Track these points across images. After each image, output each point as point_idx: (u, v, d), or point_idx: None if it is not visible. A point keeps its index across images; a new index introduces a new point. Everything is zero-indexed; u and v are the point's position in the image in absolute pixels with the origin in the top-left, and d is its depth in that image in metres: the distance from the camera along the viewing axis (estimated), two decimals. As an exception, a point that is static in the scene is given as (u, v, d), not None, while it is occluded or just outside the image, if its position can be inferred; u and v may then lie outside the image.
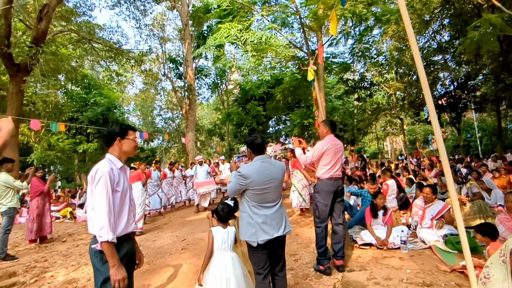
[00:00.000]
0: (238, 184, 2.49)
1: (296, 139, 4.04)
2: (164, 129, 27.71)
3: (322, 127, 3.91)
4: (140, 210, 6.43)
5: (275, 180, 2.53)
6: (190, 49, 16.65)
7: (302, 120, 13.81)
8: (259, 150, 2.60)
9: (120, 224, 1.96)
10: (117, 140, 2.10)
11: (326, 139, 3.78)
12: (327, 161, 3.71)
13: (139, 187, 6.62)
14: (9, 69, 11.01)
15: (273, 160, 2.67)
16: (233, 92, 24.43)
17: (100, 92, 22.75)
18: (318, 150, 3.70)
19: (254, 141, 2.59)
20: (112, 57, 14.35)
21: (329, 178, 3.71)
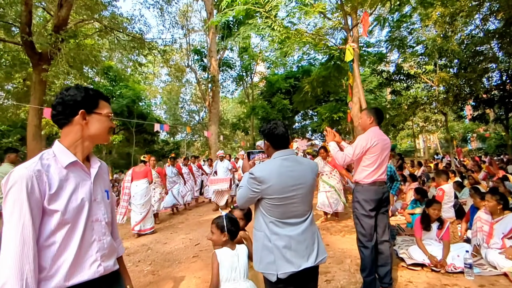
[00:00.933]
0: (251, 191, 1.75)
1: (330, 130, 3.20)
2: (187, 122, 27.53)
3: (365, 116, 3.07)
4: (143, 210, 5.85)
5: (303, 185, 1.77)
6: (215, 39, 16.05)
7: (331, 114, 12.79)
8: (281, 143, 1.84)
9: (61, 270, 1.13)
10: (79, 115, 1.26)
11: (371, 132, 2.95)
12: (370, 161, 2.89)
13: (145, 185, 6.00)
14: (31, 57, 10.87)
15: (300, 157, 1.91)
16: (258, 85, 23.70)
17: (126, 84, 22.79)
18: (361, 147, 2.88)
19: (274, 130, 1.83)
20: (135, 47, 13.99)
21: (372, 182, 2.90)
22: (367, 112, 3.09)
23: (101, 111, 1.32)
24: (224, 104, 33.29)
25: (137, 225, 5.71)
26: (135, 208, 5.77)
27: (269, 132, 1.83)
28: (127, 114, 21.68)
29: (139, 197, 5.81)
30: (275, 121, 1.87)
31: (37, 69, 10.86)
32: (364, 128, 3.08)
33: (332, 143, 3.13)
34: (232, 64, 21.22)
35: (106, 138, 1.38)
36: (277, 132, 1.81)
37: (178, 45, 19.13)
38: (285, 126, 1.86)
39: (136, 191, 5.83)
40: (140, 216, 5.74)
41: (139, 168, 6.08)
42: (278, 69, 24.26)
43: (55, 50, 10.49)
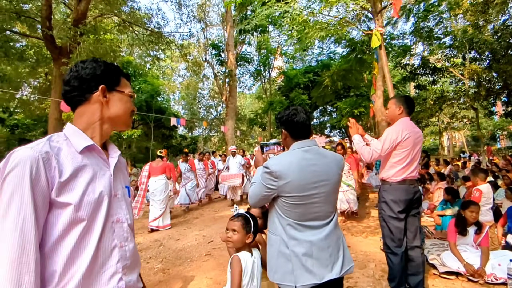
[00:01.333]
0: (265, 188, 1.49)
1: (355, 122, 2.84)
2: (205, 117, 27.55)
3: (393, 105, 2.71)
4: (162, 206, 5.73)
5: (327, 182, 1.50)
6: (232, 33, 15.81)
7: (351, 109, 12.30)
8: (301, 132, 1.58)
9: (70, 284, 0.86)
10: (99, 91, 1.02)
11: (401, 124, 2.61)
12: (401, 156, 2.56)
13: (163, 180, 5.85)
14: (51, 52, 11.01)
15: (324, 149, 1.63)
16: (276, 80, 23.34)
17: (145, 79, 22.97)
18: (391, 140, 2.54)
19: (293, 117, 1.56)
20: (153, 42, 13.97)
21: (402, 181, 2.57)
22: (395, 100, 2.73)
23: (123, 89, 1.09)
24: (242, 99, 33.12)
25: (155, 221, 5.61)
26: (154, 203, 5.68)
27: (287, 119, 1.57)
28: (145, 109, 21.86)
29: (159, 193, 5.70)
30: (295, 106, 1.60)
31: (57, 63, 10.98)
32: (393, 119, 2.73)
33: (356, 137, 2.77)
34: (249, 59, 20.94)
35: (128, 122, 1.13)
36: (297, 119, 1.55)
37: (195, 39, 19.04)
38: (306, 112, 1.59)
39: (155, 187, 5.72)
40: (159, 212, 5.64)
41: (157, 164, 5.94)
42: (296, 64, 23.81)
43: (74, 44, 10.57)
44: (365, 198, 7.96)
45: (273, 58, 21.94)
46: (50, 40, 10.71)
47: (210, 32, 21.45)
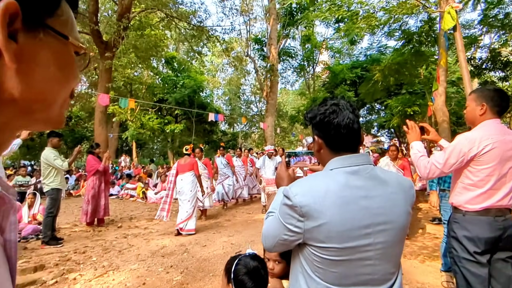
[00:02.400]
0: (285, 228, 0.94)
1: (414, 125, 2.10)
2: (245, 113, 27.34)
3: (472, 102, 1.94)
4: (189, 207, 5.33)
5: (387, 225, 0.92)
6: (275, 26, 15.21)
7: (404, 108, 11.11)
8: (346, 142, 0.99)
9: None
10: None
11: (482, 129, 1.85)
12: (480, 176, 1.81)
13: (190, 178, 5.47)
14: (98, 46, 11.34)
15: (381, 169, 1.03)
16: (321, 75, 22.32)
17: (189, 75, 23.28)
18: (459, 153, 1.82)
19: (333, 116, 0.97)
20: (195, 36, 13.88)
21: (483, 210, 1.82)
22: (476, 95, 1.94)
23: (63, 29, 0.42)
24: (284, 95, 32.45)
25: (182, 223, 5.26)
26: (181, 203, 5.37)
27: (323, 119, 0.98)
28: (188, 104, 22.17)
29: (186, 192, 5.37)
30: (335, 100, 1.01)
31: (103, 58, 11.27)
32: (473, 123, 1.96)
33: (416, 144, 2.05)
34: (293, 53, 20.21)
35: (61, 114, 0.47)
36: (338, 121, 0.96)
37: (237, 33, 18.75)
38: (353, 109, 1.00)
39: (182, 185, 5.39)
40: (185, 214, 5.28)
41: (184, 161, 5.60)
42: (343, 59, 22.56)
43: (119, 39, 10.73)
44: (416, 207, 6.99)
45: (318, 52, 21.00)
46: (97, 35, 11.00)
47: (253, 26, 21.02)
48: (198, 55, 15.73)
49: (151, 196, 9.57)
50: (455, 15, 3.45)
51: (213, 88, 31.04)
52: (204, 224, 6.11)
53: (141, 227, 6.04)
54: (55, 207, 4.71)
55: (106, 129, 12.46)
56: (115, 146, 25.43)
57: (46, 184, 4.62)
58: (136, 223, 6.40)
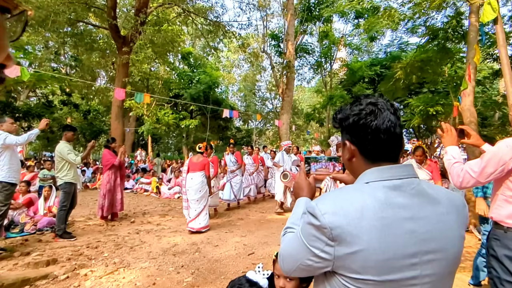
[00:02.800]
0: (309, 252, 0.77)
1: (449, 127, 1.90)
2: (260, 110, 27.16)
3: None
4: (198, 206, 5.20)
5: (438, 254, 0.74)
6: (293, 21, 14.92)
7: (426, 107, 10.67)
8: (386, 150, 0.81)
9: None
10: None
11: None
12: None
13: (201, 178, 5.32)
14: (116, 41, 11.42)
15: (427, 183, 0.82)
16: (338, 73, 21.86)
17: (204, 70, 23.29)
18: (500, 161, 1.62)
19: (370, 118, 0.80)
20: (211, 31, 13.79)
21: None
22: None
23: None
24: (300, 93, 32.07)
25: (191, 222, 5.14)
26: (190, 203, 5.24)
27: (358, 122, 0.81)
28: (203, 99, 22.19)
29: (193, 192, 5.22)
30: (371, 98, 0.84)
31: (120, 53, 11.33)
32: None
33: (451, 149, 1.85)
34: (310, 50, 19.85)
35: None
36: (376, 125, 0.79)
37: (254, 29, 18.56)
38: (395, 110, 0.83)
39: (191, 184, 5.25)
40: (194, 212, 5.16)
41: (197, 159, 5.46)
42: (361, 56, 22.03)
43: (136, 34, 10.75)
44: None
45: (336, 49, 20.56)
46: (115, 30, 11.05)
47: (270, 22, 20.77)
48: (214, 50, 15.66)
49: (165, 191, 9.59)
50: (496, 6, 3.16)
51: (228, 84, 31.00)
52: (216, 222, 6.01)
53: (153, 223, 6.00)
54: (68, 200, 4.70)
55: (122, 123, 12.57)
56: (131, 140, 25.78)
57: (60, 177, 4.62)
58: (149, 219, 6.38)
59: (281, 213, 6.80)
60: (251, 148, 8.35)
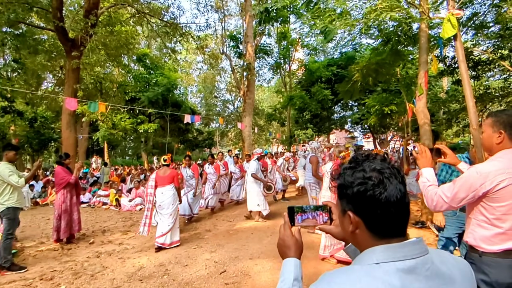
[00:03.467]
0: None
1: (424, 149, 1.87)
2: (222, 112, 26.88)
3: (489, 128, 1.72)
4: (171, 221, 5.00)
5: None
6: (251, 23, 14.91)
7: (381, 107, 11.22)
8: (394, 225, 0.73)
9: None
10: None
11: (498, 160, 1.64)
12: (498, 213, 1.60)
13: (172, 191, 5.13)
14: (64, 44, 10.56)
15: (439, 256, 0.75)
16: (296, 73, 22.27)
17: (162, 72, 22.50)
18: (471, 187, 1.61)
19: (378, 189, 0.71)
20: (169, 33, 13.31)
21: (504, 252, 1.61)
22: (492, 121, 1.72)
23: None
24: (260, 93, 32.24)
25: (162, 237, 4.89)
26: (162, 217, 5.01)
27: (363, 193, 0.72)
28: (162, 102, 21.41)
29: (167, 206, 5.02)
30: (375, 162, 0.76)
31: (70, 57, 10.51)
32: (490, 150, 1.74)
33: (426, 171, 1.83)
34: (269, 51, 19.98)
35: None
36: (386, 197, 0.70)
37: (212, 30, 18.28)
38: (402, 176, 0.75)
39: (163, 199, 5.04)
40: (167, 227, 4.94)
41: (164, 172, 5.22)
42: (318, 56, 22.64)
43: (86, 37, 10.02)
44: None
45: (293, 50, 20.91)
46: (62, 32, 10.23)
47: (228, 23, 20.57)
48: (171, 52, 15.12)
49: (125, 203, 9.07)
50: (456, 23, 3.33)
51: (187, 85, 30.27)
52: (184, 236, 5.77)
53: (115, 242, 5.62)
54: (14, 227, 4.23)
55: (74, 131, 11.69)
56: (85, 147, 24.23)
57: (1, 203, 4.11)
58: (110, 237, 5.96)
59: (250, 219, 6.72)
60: (211, 157, 8.10)
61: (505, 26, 9.46)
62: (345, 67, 16.59)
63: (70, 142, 11.24)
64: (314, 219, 0.96)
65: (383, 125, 16.93)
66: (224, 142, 32.83)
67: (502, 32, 9.62)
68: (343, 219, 0.80)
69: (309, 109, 17.82)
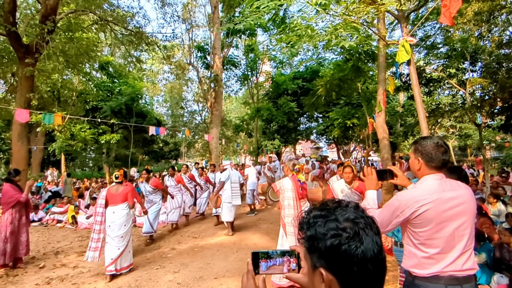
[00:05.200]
0: None
1: (371, 171, 1.97)
2: (188, 123, 26.45)
3: (412, 155, 1.82)
4: (122, 244, 4.54)
5: None
6: (219, 35, 14.96)
7: (344, 120, 11.67)
8: (370, 282, 0.70)
9: None
10: None
11: (418, 187, 1.72)
12: (422, 238, 1.66)
13: (124, 211, 4.69)
14: (16, 50, 9.86)
15: None
16: (263, 85, 22.58)
17: (126, 81, 21.79)
18: (394, 212, 1.70)
19: (353, 245, 0.68)
20: (133, 42, 12.95)
21: (432, 277, 1.64)
22: (413, 148, 1.81)
23: None
24: (227, 103, 32.23)
25: (112, 264, 4.40)
26: (111, 241, 4.51)
27: (337, 247, 0.69)
28: (125, 112, 20.66)
29: (118, 227, 4.56)
30: (348, 210, 0.74)
31: (23, 64, 9.83)
32: (416, 175, 1.84)
33: (369, 194, 1.92)
34: (237, 63, 20.13)
35: None
36: (362, 252, 0.68)
37: (179, 40, 18.08)
38: (377, 229, 0.75)
39: (113, 219, 4.56)
40: (117, 251, 4.46)
41: (116, 190, 4.76)
42: (284, 69, 23.17)
43: (42, 43, 9.46)
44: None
45: (260, 62, 21.22)
46: (15, 37, 9.56)
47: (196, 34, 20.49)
48: (137, 61, 14.69)
49: (82, 221, 8.52)
50: (409, 49, 3.55)
51: (153, 95, 29.51)
52: (146, 255, 5.51)
53: (69, 265, 5.23)
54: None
55: (27, 143, 10.86)
56: (40, 158, 22.66)
57: None
58: (63, 260, 5.54)
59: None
60: (172, 170, 7.88)
61: (452, 48, 10.30)
62: (310, 80, 17.09)
63: (22, 155, 10.42)
64: (281, 265, 0.91)
65: (346, 136, 17.61)
66: (191, 153, 32.25)
67: (449, 53, 10.47)
68: (313, 275, 0.75)
69: (276, 121, 18.09)
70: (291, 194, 3.56)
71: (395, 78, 4.41)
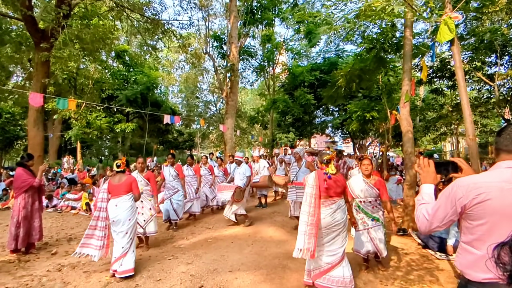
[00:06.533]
0: None
1: (428, 163, 1.65)
2: (203, 113, 26.35)
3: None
4: (126, 242, 4.03)
5: None
6: (236, 24, 14.60)
7: (363, 113, 11.21)
8: None
9: None
10: None
11: (487, 173, 1.45)
12: (479, 232, 1.37)
13: (129, 203, 4.15)
14: (32, 35, 9.86)
15: None
16: (279, 77, 22.16)
17: (142, 70, 21.76)
18: (451, 202, 1.41)
19: None
20: (149, 29, 12.77)
21: (490, 284, 1.33)
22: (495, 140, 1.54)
23: None
24: (243, 95, 31.96)
25: (116, 263, 3.94)
26: (116, 237, 4.07)
27: None
28: (141, 101, 20.69)
29: (122, 221, 4.02)
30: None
31: (39, 49, 9.82)
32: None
33: (425, 188, 1.62)
34: (253, 53, 19.77)
35: None
36: None
37: (196, 29, 17.84)
38: None
39: (117, 213, 4.01)
40: (120, 250, 4.01)
41: (119, 180, 4.17)
42: (301, 61, 22.69)
43: (58, 28, 9.39)
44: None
45: (277, 53, 20.80)
46: (31, 22, 9.54)
47: (212, 22, 20.17)
48: (152, 50, 14.56)
49: (97, 207, 8.48)
50: (453, 27, 3.17)
51: (168, 85, 29.52)
52: (158, 245, 5.36)
53: (81, 252, 5.12)
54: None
55: (42, 130, 10.91)
56: (57, 146, 23.02)
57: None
58: (75, 247, 5.38)
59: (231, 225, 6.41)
60: (191, 159, 7.62)
61: (479, 38, 9.66)
62: (328, 72, 16.59)
63: (37, 141, 10.50)
64: None
65: (364, 130, 17.09)
66: (205, 144, 32.25)
67: (476, 44, 9.84)
68: None
69: (292, 113, 17.71)
70: (310, 190, 3.24)
71: (432, 61, 4.07)
